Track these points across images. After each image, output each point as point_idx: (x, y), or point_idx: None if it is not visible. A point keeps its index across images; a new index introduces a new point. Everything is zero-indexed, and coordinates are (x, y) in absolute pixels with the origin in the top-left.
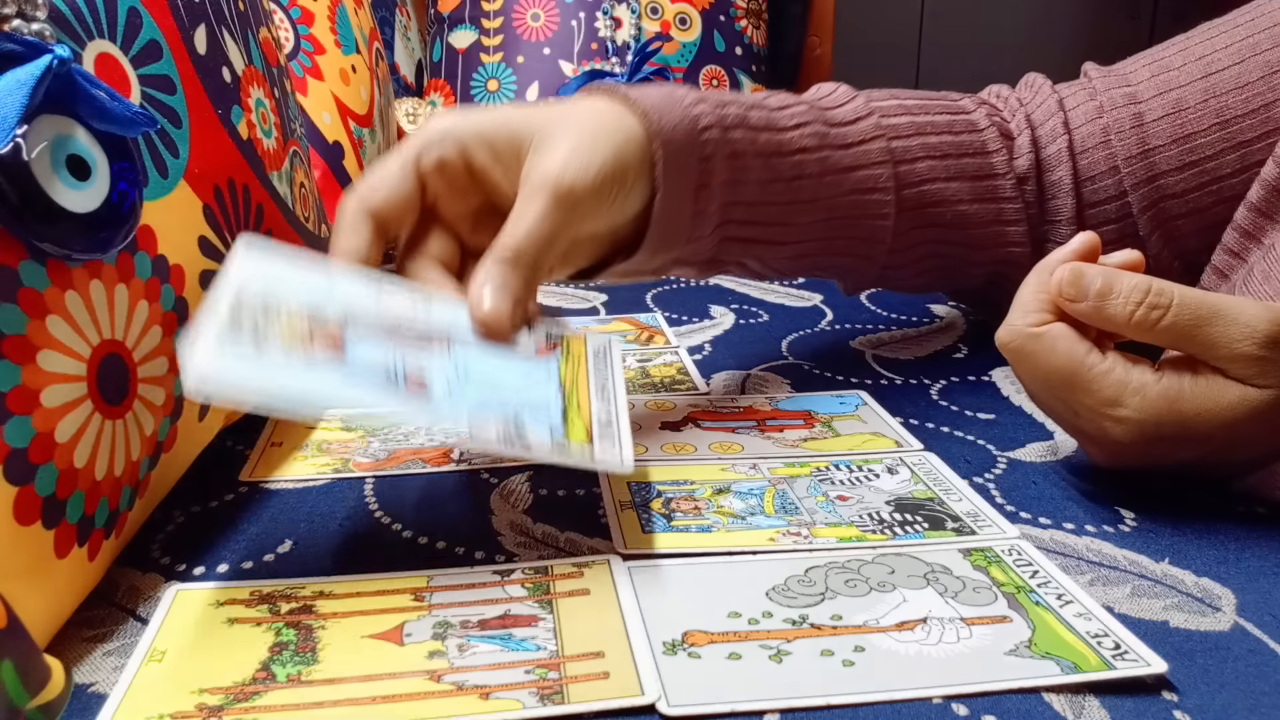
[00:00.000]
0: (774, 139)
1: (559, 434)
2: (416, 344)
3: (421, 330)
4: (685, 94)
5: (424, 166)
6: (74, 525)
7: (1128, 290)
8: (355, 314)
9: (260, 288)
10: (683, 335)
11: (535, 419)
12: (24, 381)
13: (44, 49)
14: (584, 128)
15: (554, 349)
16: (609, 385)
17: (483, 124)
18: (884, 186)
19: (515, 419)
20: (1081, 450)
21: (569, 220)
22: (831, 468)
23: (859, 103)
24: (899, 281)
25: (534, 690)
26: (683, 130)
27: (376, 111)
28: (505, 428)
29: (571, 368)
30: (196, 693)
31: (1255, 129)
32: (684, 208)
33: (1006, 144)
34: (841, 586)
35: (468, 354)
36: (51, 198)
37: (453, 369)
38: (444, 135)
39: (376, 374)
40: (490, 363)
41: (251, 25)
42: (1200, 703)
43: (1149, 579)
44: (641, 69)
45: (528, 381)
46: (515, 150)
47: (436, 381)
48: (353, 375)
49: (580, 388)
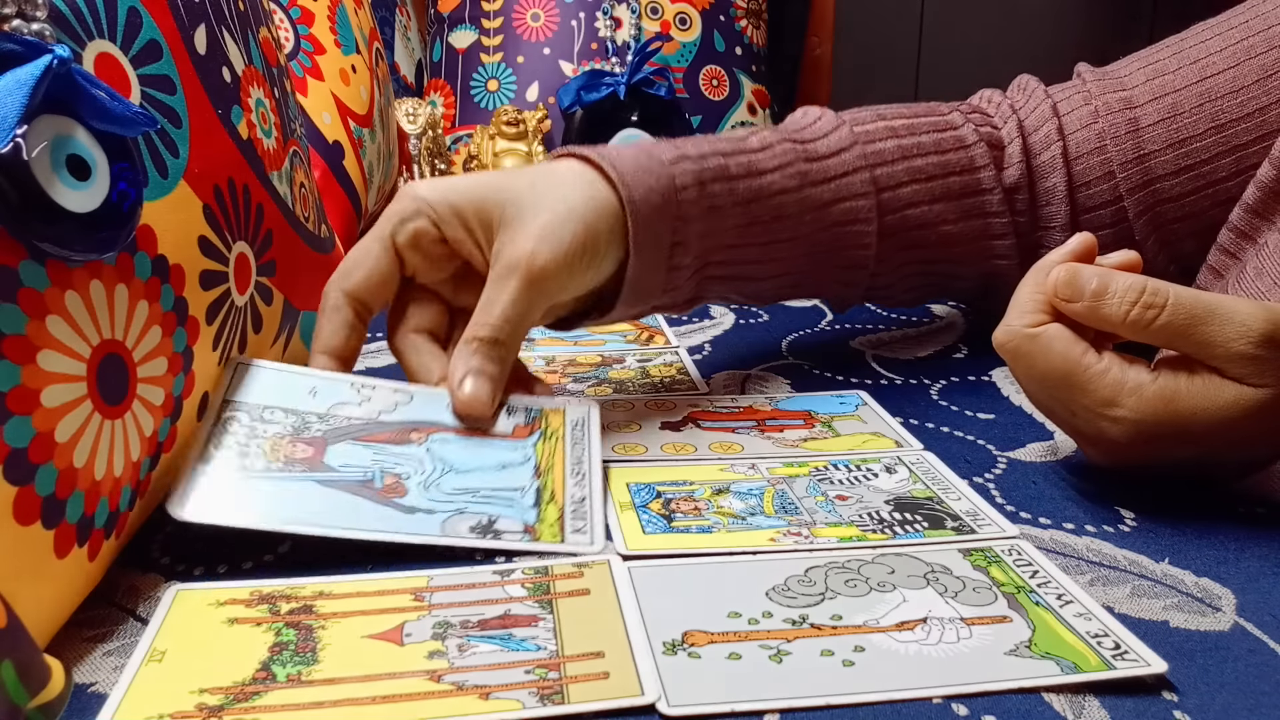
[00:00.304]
0: (754, 184)
1: (531, 522)
2: (396, 438)
3: (402, 422)
4: (663, 152)
5: (400, 244)
6: (74, 525)
7: (1123, 290)
8: (337, 420)
9: (247, 408)
10: (683, 335)
11: (508, 512)
12: (24, 381)
13: (44, 49)
14: (555, 202)
15: (533, 430)
16: (585, 461)
17: (455, 197)
18: (865, 218)
19: (488, 515)
20: (1081, 450)
21: (542, 298)
22: (830, 467)
23: (843, 133)
24: (887, 299)
25: (534, 690)
26: (658, 193)
27: (376, 111)
28: (478, 523)
29: (549, 447)
30: (196, 693)
31: (1251, 132)
32: (658, 266)
33: (995, 156)
34: (841, 586)
35: (446, 446)
36: (51, 198)
37: (430, 464)
38: (417, 210)
39: (355, 479)
40: (468, 453)
41: (251, 25)
42: (1200, 703)
43: (1149, 579)
44: (641, 69)
45: (504, 472)
46: (486, 224)
47: (414, 480)
48: (331, 487)
49: (556, 470)
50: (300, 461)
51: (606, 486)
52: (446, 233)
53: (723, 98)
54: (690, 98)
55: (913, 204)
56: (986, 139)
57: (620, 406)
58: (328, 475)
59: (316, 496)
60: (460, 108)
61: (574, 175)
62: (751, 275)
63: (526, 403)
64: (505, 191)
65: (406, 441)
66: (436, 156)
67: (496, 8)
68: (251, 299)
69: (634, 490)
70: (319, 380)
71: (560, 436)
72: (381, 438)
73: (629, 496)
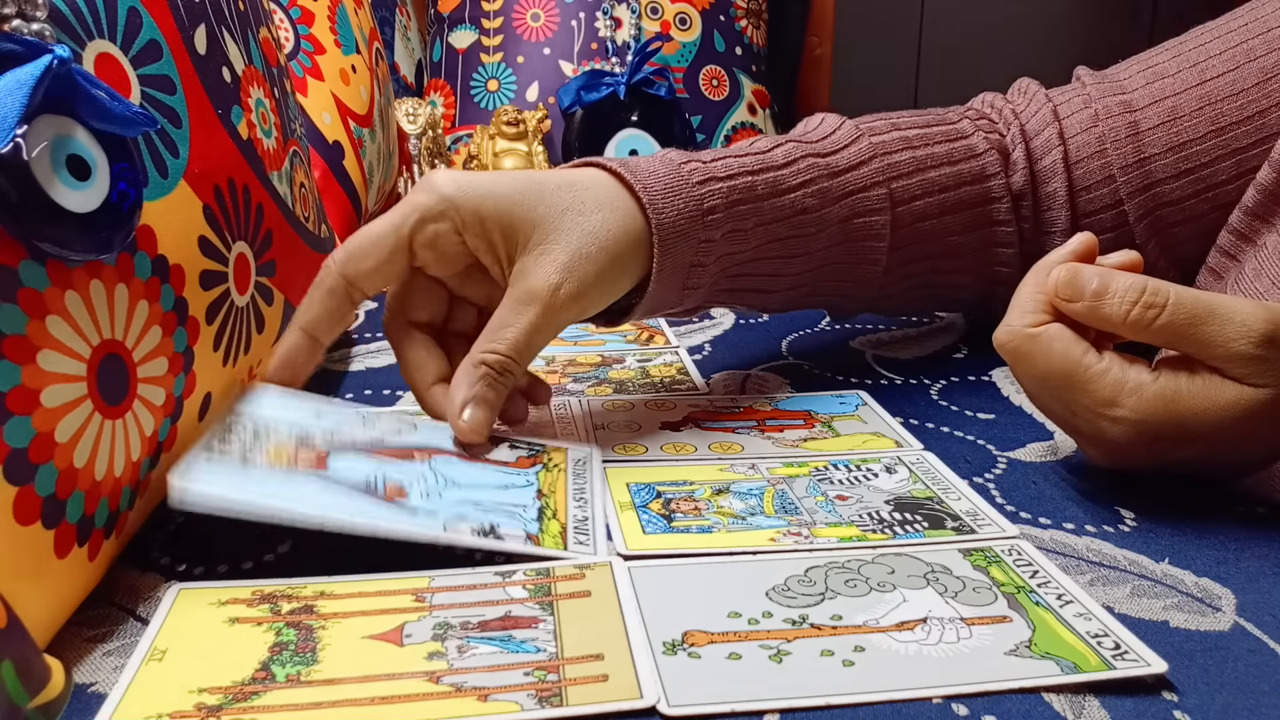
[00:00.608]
0: (778, 203)
1: (534, 532)
2: (399, 455)
3: (405, 444)
4: (692, 171)
5: (416, 242)
6: (74, 525)
7: (1123, 290)
8: (340, 437)
9: (252, 418)
10: (683, 335)
11: (510, 522)
12: (24, 381)
13: (44, 49)
14: (585, 236)
15: (535, 463)
16: (587, 491)
17: (483, 208)
18: (879, 232)
19: (490, 521)
20: (1081, 450)
21: (557, 328)
22: (830, 467)
23: (862, 146)
24: (887, 309)
25: (533, 692)
26: (685, 217)
27: (376, 111)
28: (480, 527)
29: (551, 476)
30: (196, 692)
31: (1250, 135)
32: (675, 286)
33: (1004, 163)
34: (841, 586)
35: (449, 465)
36: (51, 198)
37: (432, 477)
38: (441, 213)
39: (356, 483)
40: (471, 473)
41: (251, 25)
42: (1200, 703)
43: (1149, 579)
44: (641, 69)
45: (506, 491)
46: (511, 241)
47: (415, 489)
48: (332, 484)
49: (559, 495)
50: (302, 465)
51: (609, 510)
52: (468, 239)
53: (723, 98)
54: (690, 98)
55: (925, 216)
56: (995, 146)
57: (620, 406)
58: (330, 478)
59: (318, 491)
60: (460, 108)
61: (606, 200)
62: (763, 288)
63: (530, 440)
64: (535, 211)
65: (409, 459)
66: (436, 156)
67: (496, 8)
68: (252, 299)
69: (634, 490)
70: (325, 406)
71: (563, 469)
72: (384, 454)
73: (629, 496)
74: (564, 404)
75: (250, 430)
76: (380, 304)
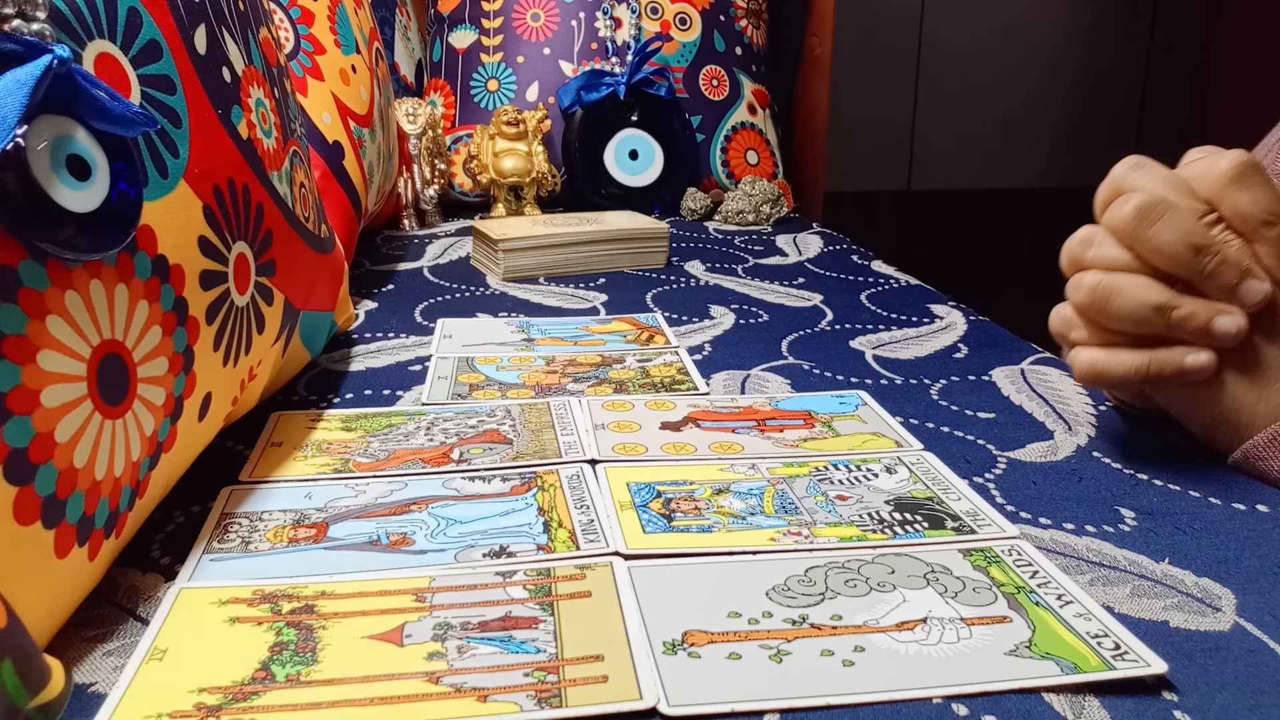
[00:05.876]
0: None
1: (544, 543)
2: (397, 511)
3: (398, 502)
4: None
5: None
6: (74, 525)
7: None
8: (334, 508)
9: (243, 515)
10: (683, 335)
11: (519, 540)
12: (24, 381)
13: (44, 49)
14: None
15: (529, 488)
16: (587, 499)
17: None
18: None
19: (500, 543)
20: (1082, 450)
21: None
22: (830, 468)
23: None
24: None
25: (532, 693)
26: None
27: (376, 111)
28: (491, 550)
29: (549, 495)
30: (195, 692)
31: None
32: None
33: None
34: (841, 586)
35: (448, 508)
36: (52, 198)
37: (434, 521)
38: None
39: (361, 543)
40: (471, 510)
41: (251, 25)
42: (1200, 703)
43: (1149, 579)
44: (641, 69)
45: (508, 516)
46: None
47: (420, 534)
48: (336, 548)
49: (560, 508)
50: (304, 540)
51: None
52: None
53: (723, 97)
54: (690, 98)
55: None
56: None
57: (620, 406)
58: (333, 543)
59: (324, 559)
60: (460, 108)
61: None
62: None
63: (520, 467)
64: None
65: (407, 512)
66: (436, 156)
67: (496, 8)
68: (252, 299)
69: (634, 490)
70: (313, 486)
71: (558, 487)
72: (382, 513)
73: (629, 496)
74: (564, 404)
75: (246, 526)
76: (380, 304)
